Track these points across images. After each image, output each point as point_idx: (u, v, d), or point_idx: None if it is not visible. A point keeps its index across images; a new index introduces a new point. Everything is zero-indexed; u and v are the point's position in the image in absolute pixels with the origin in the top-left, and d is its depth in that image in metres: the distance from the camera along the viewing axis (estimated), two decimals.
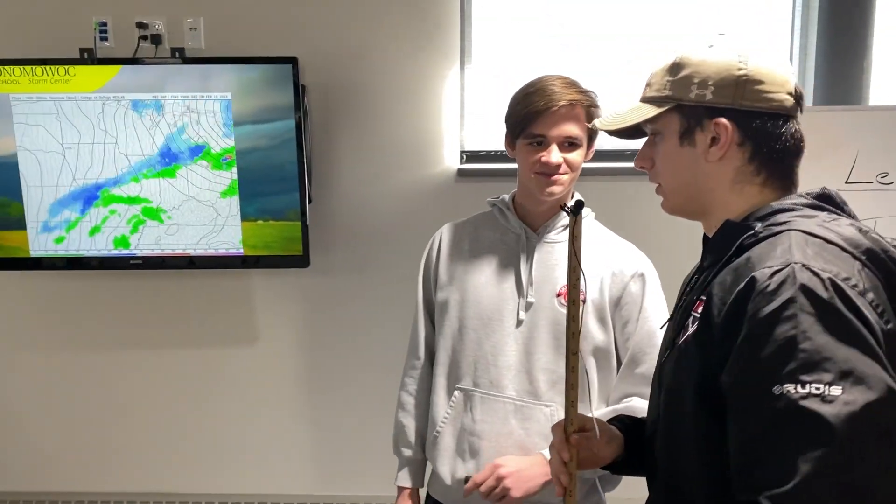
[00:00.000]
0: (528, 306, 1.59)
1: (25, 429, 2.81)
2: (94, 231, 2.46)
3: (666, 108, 1.06)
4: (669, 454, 1.10)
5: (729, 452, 0.92)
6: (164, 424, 2.78)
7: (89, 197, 2.44)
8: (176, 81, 2.36)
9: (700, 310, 1.00)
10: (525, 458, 1.55)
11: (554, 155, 1.53)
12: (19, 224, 2.45)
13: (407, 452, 1.76)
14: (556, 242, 1.63)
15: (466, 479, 1.58)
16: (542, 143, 1.55)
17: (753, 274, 0.91)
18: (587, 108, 1.55)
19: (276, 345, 2.72)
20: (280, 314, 2.70)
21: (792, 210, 1.00)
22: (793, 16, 2.52)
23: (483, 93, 2.61)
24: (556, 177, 1.55)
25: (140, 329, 2.72)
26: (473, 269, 1.65)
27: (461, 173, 2.60)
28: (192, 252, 2.47)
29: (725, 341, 0.92)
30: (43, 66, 2.34)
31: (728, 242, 1.02)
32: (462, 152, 2.62)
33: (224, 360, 2.73)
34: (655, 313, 1.60)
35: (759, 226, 0.99)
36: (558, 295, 1.58)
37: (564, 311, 1.48)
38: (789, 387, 0.84)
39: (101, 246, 2.47)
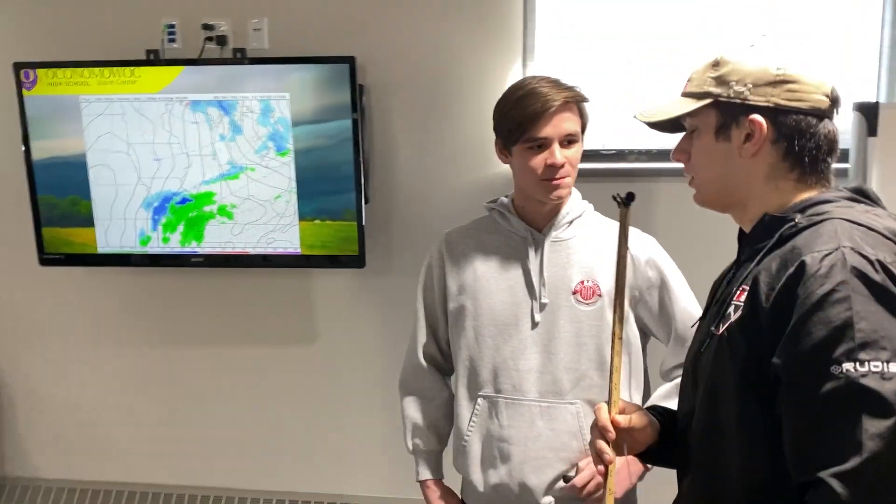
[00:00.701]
0: (543, 307, 1.59)
1: (94, 420, 2.91)
2: (159, 228, 2.51)
3: (704, 103, 1.10)
4: (707, 446, 1.10)
5: (776, 438, 0.95)
6: (226, 420, 2.82)
7: (153, 196, 2.49)
8: (236, 82, 2.39)
9: (742, 298, 1.03)
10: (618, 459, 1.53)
11: (557, 155, 1.52)
12: (88, 221, 2.52)
13: (421, 445, 1.76)
14: (563, 240, 1.62)
15: (566, 479, 1.57)
16: (543, 146, 1.53)
17: (803, 258, 0.94)
18: (578, 103, 1.56)
19: (334, 344, 2.72)
20: (339, 314, 2.70)
21: (831, 201, 1.04)
22: (883, 9, 2.34)
23: None
24: (561, 179, 1.54)
25: (202, 325, 2.77)
26: (483, 276, 1.64)
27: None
28: (251, 251, 2.49)
29: (775, 326, 0.95)
30: (110, 68, 2.40)
31: (768, 234, 1.05)
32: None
33: (284, 358, 2.76)
34: (681, 289, 1.62)
35: (798, 217, 1.03)
36: (574, 293, 1.58)
37: (582, 308, 1.62)
38: (848, 366, 0.88)
39: (165, 244, 2.52)
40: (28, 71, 2.43)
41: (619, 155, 2.52)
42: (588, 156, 2.52)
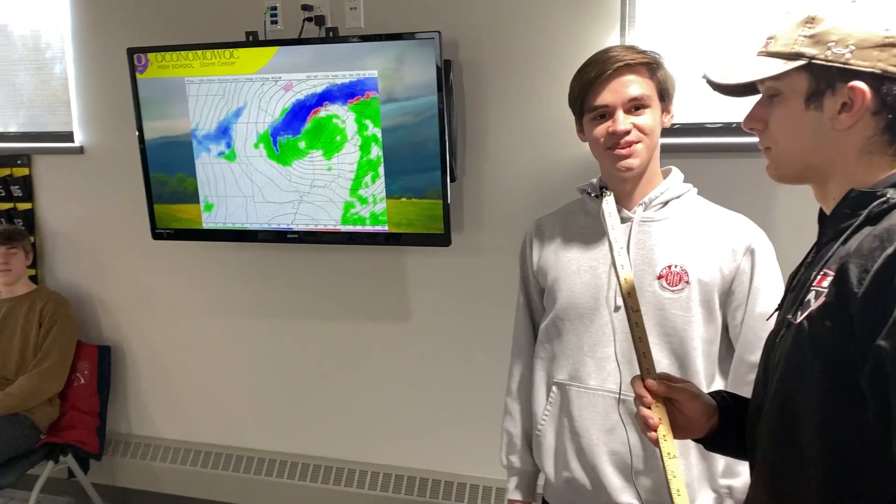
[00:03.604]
0: None
1: (206, 385, 3.09)
2: (258, 203, 2.60)
3: (795, 65, 0.96)
4: (781, 439, 1.00)
5: (864, 437, 0.87)
6: (323, 393, 2.91)
7: (249, 171, 2.58)
8: (327, 61, 2.41)
9: (826, 283, 0.93)
10: None
11: (621, 121, 1.40)
12: (193, 198, 2.66)
13: (516, 463, 1.67)
14: (654, 221, 1.49)
15: None
16: (606, 115, 1.41)
17: None
18: (648, 65, 1.42)
19: (426, 322, 2.72)
20: (430, 293, 2.70)
21: None
22: None
23: None
24: (628, 148, 1.41)
25: (300, 300, 2.86)
26: (564, 259, 1.54)
27: None
28: (341, 228, 2.52)
29: (871, 310, 0.85)
30: (211, 51, 2.50)
31: (855, 211, 0.94)
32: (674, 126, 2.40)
33: (378, 335, 2.79)
34: (767, 293, 1.44)
35: (891, 192, 0.92)
36: (659, 277, 1.45)
37: (667, 294, 1.44)
38: None
39: (265, 220, 2.61)
40: (140, 55, 2.58)
41: (727, 129, 2.33)
42: (692, 130, 2.37)
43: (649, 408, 1.13)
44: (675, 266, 1.44)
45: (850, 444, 0.89)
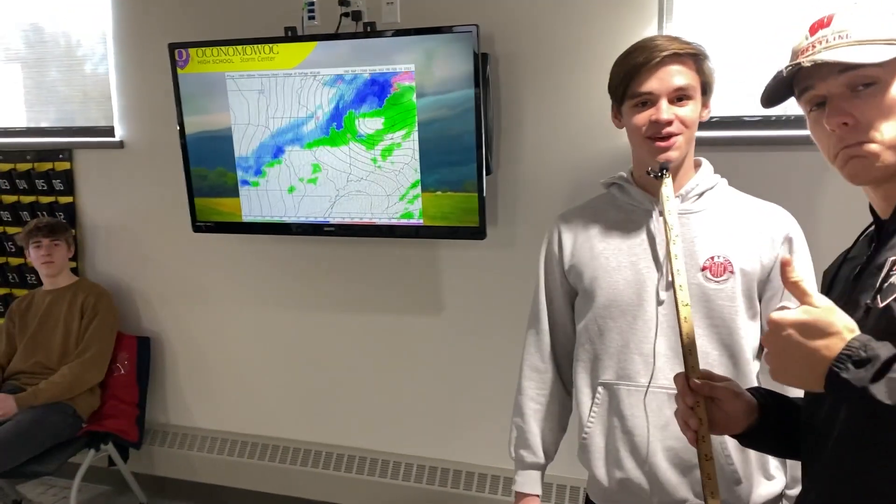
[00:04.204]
0: (669, 285, 1.44)
1: (244, 377, 3.13)
2: (295, 196, 2.63)
3: None
4: (851, 437, 0.96)
5: None
6: (357, 385, 2.94)
7: (291, 168, 2.61)
8: (365, 55, 2.44)
9: None
10: None
11: (664, 111, 1.38)
12: (234, 192, 2.70)
13: (530, 457, 1.65)
14: (693, 212, 1.48)
15: None
16: (648, 103, 1.40)
17: None
18: (695, 57, 1.41)
19: (460, 315, 2.74)
20: (464, 285, 2.71)
21: None
22: None
23: None
24: (670, 139, 1.39)
25: (337, 292, 2.89)
26: (602, 254, 1.52)
27: None
28: (377, 221, 2.55)
29: None
30: (251, 46, 2.54)
31: None
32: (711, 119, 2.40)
33: (413, 327, 2.81)
34: (809, 276, 1.48)
35: None
36: (703, 269, 1.44)
37: (712, 286, 1.43)
38: None
39: (302, 213, 2.64)
40: (181, 50, 2.63)
41: (765, 122, 2.32)
42: (728, 124, 2.36)
43: (692, 408, 1.12)
44: (719, 257, 1.44)
45: None
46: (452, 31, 2.32)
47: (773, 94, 1.05)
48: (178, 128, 2.72)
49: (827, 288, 1.10)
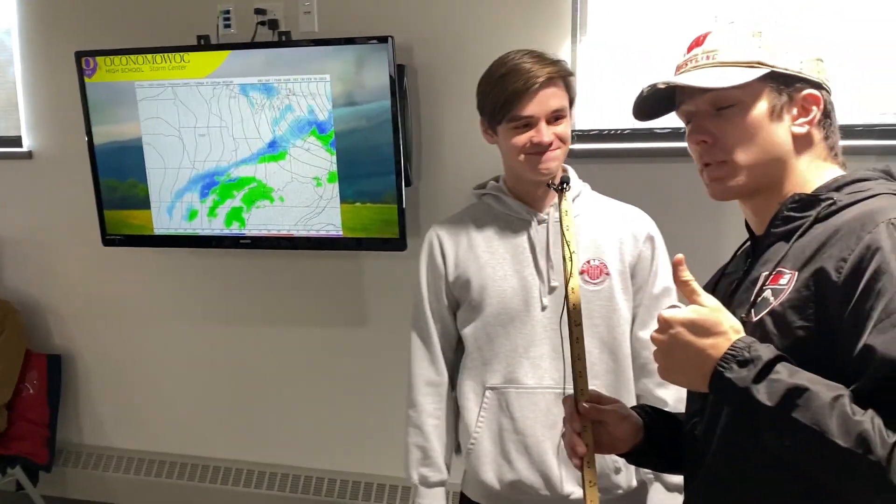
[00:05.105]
0: (552, 290, 1.54)
1: (160, 393, 3.04)
2: (210, 212, 2.57)
3: (760, 73, 0.98)
4: (729, 446, 1.00)
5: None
6: (279, 399, 2.89)
7: (203, 179, 2.55)
8: (279, 65, 2.40)
9: (782, 281, 0.94)
10: None
11: (545, 133, 1.48)
12: (145, 204, 2.62)
13: (435, 476, 1.66)
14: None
15: None
16: (529, 125, 1.48)
17: (879, 225, 0.87)
18: (564, 77, 1.52)
19: (383, 327, 2.72)
20: (387, 297, 2.69)
21: (869, 179, 0.98)
22: None
23: (598, 68, 2.41)
24: (549, 153, 1.49)
25: (255, 305, 2.84)
26: (490, 265, 1.58)
27: (572, 154, 2.39)
28: (295, 233, 2.51)
29: (851, 297, 0.86)
30: (161, 54, 2.47)
31: (802, 214, 0.97)
32: (573, 132, 2.42)
33: (335, 339, 2.78)
34: (663, 277, 1.59)
35: (835, 195, 0.96)
36: (581, 273, 1.54)
37: (590, 287, 1.52)
38: None
39: (217, 226, 2.58)
40: (88, 59, 2.54)
41: (675, 134, 2.37)
42: (640, 135, 2.40)
43: (579, 433, 1.13)
44: (594, 260, 1.55)
45: None
46: (368, 42, 2.31)
47: (653, 108, 1.09)
48: (87, 138, 2.62)
49: (719, 281, 1.14)
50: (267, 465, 2.95)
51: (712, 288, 1.12)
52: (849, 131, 2.12)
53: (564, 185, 1.34)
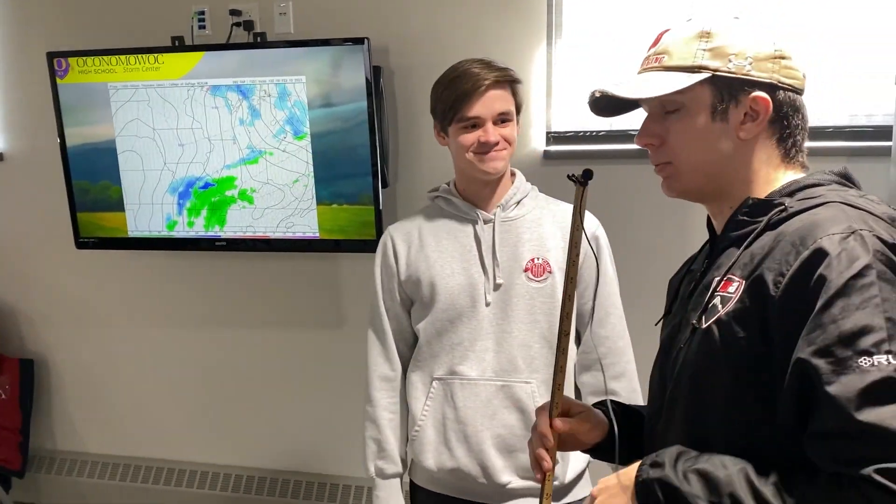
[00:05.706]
0: (497, 287, 1.61)
1: (134, 398, 3.01)
2: (184, 213, 2.55)
3: (700, 77, 0.97)
4: (688, 443, 1.00)
5: (774, 438, 0.90)
6: (254, 402, 2.87)
7: (178, 181, 2.53)
8: (254, 66, 2.39)
9: (731, 289, 0.95)
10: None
11: (491, 133, 1.55)
12: (118, 206, 2.59)
13: (391, 468, 1.73)
14: (512, 219, 1.65)
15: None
16: (477, 125, 1.57)
17: (819, 241, 0.87)
18: (511, 83, 1.59)
19: (360, 329, 2.69)
20: (363, 299, 2.66)
21: (822, 185, 0.98)
22: None
23: (573, 70, 2.42)
24: (495, 153, 1.57)
25: (232, 308, 2.82)
26: (438, 263, 1.65)
27: (547, 155, 2.44)
28: (271, 235, 2.49)
29: (788, 313, 0.87)
30: (135, 55, 2.44)
31: (753, 219, 0.97)
32: (548, 133, 2.46)
33: (312, 341, 2.77)
34: (611, 275, 1.69)
35: (787, 200, 0.96)
36: (525, 270, 1.61)
37: (533, 285, 1.60)
38: (880, 359, 0.81)
39: (191, 228, 2.56)
40: (60, 60, 2.51)
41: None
42: (614, 137, 2.42)
43: (548, 449, 1.12)
44: (538, 259, 1.61)
45: (756, 446, 0.91)
46: (343, 44, 2.30)
47: (618, 104, 1.08)
48: (59, 140, 2.59)
49: (672, 297, 1.15)
50: (243, 469, 2.93)
51: (677, 285, 1.13)
52: (819, 133, 2.21)
53: (581, 179, 1.29)
